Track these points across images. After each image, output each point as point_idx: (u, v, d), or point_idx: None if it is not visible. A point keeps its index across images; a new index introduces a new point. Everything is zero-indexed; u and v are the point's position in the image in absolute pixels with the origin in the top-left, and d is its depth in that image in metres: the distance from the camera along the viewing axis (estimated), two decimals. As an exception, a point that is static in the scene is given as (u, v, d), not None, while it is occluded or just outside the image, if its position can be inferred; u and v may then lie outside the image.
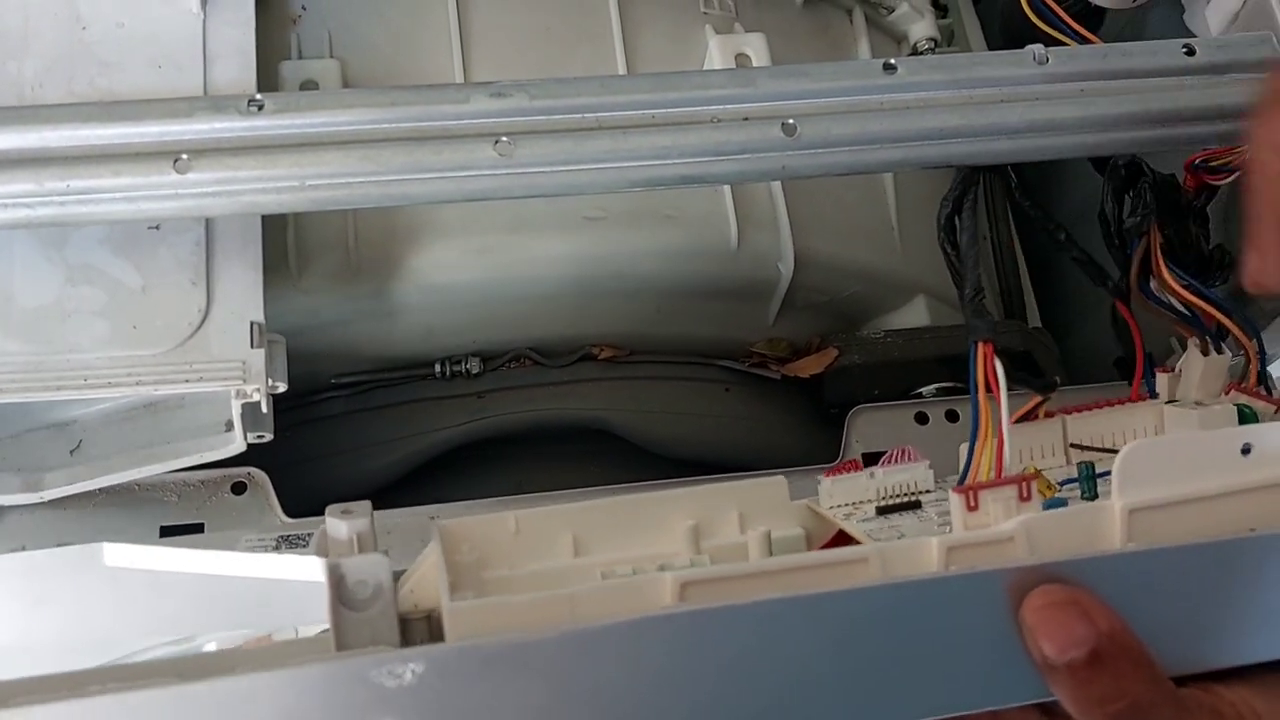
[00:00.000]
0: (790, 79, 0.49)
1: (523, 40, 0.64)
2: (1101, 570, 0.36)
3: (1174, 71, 0.50)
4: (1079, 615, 0.35)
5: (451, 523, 0.39)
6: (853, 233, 0.67)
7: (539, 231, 0.60)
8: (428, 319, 0.62)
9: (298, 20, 0.63)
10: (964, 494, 0.40)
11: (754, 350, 0.69)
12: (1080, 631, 0.35)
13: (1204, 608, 0.37)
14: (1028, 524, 0.38)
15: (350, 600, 0.34)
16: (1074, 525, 0.39)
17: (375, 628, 0.34)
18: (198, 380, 0.48)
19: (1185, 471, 0.39)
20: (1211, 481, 0.39)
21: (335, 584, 0.34)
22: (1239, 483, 0.39)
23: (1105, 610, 0.36)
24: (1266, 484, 0.39)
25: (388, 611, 0.35)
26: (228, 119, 0.47)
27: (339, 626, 0.34)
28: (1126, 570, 0.37)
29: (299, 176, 0.47)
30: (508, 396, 0.64)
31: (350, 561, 0.35)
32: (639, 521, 0.40)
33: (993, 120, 0.49)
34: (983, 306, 0.47)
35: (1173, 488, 0.39)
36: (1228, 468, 0.40)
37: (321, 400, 0.64)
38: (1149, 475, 0.39)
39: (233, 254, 0.50)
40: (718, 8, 0.67)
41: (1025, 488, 0.40)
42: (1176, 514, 0.39)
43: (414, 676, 0.32)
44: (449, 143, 0.48)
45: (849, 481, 0.46)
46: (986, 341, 0.45)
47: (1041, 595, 0.36)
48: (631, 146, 0.48)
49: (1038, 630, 0.35)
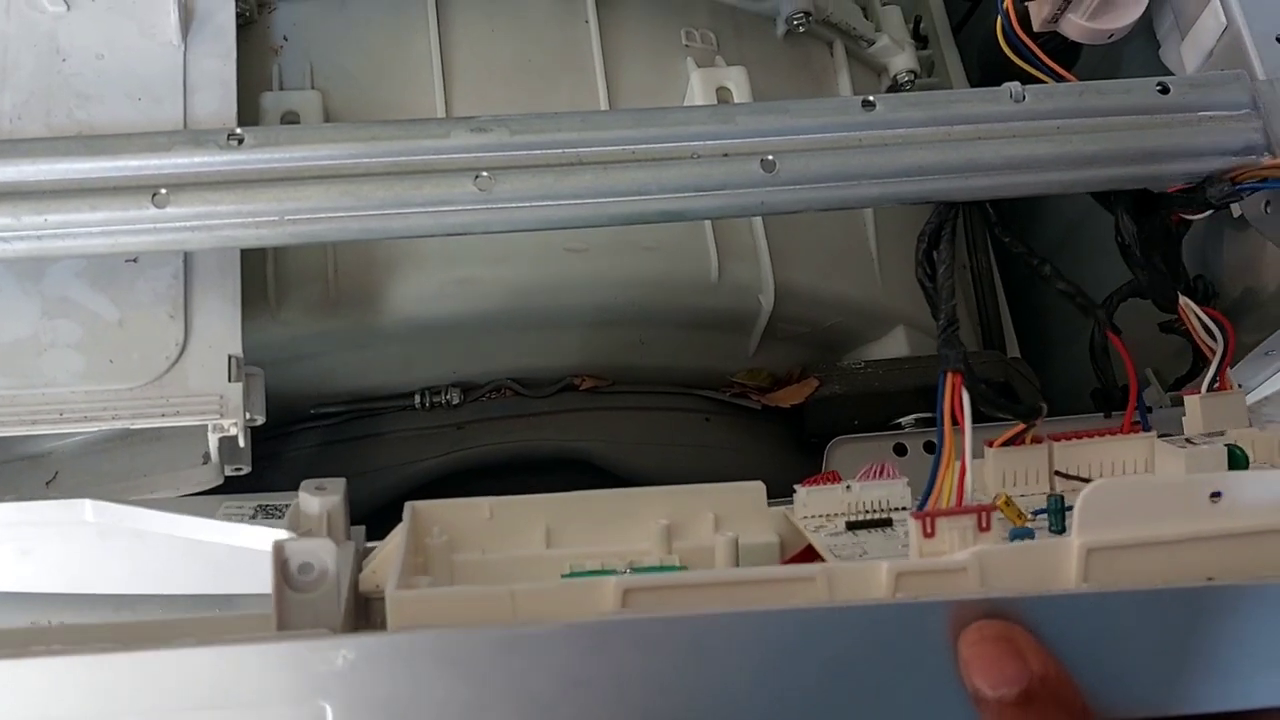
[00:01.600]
0: (770, 115, 0.50)
1: (504, 72, 0.64)
2: (1044, 609, 0.36)
3: (1148, 110, 0.50)
4: (1012, 654, 0.35)
5: (424, 504, 0.39)
6: (833, 264, 0.67)
7: (519, 263, 0.60)
8: (407, 350, 0.62)
9: (279, 51, 0.63)
10: (922, 520, 0.40)
11: (735, 380, 0.69)
12: (1011, 670, 0.35)
13: (1150, 656, 0.37)
14: (981, 555, 0.38)
15: (294, 581, 0.35)
16: (1029, 560, 0.39)
17: (318, 609, 0.35)
18: (174, 414, 0.48)
19: (1150, 514, 0.39)
20: (1176, 526, 0.39)
21: (280, 564, 0.35)
22: (1204, 529, 0.39)
23: (1041, 652, 0.36)
24: (1231, 533, 0.39)
25: (330, 595, 0.35)
26: (207, 153, 0.47)
27: (281, 606, 0.35)
28: (1073, 611, 0.37)
29: (278, 211, 0.47)
30: (488, 427, 0.64)
31: (295, 544, 0.35)
32: (614, 517, 0.41)
33: (970, 157, 0.49)
34: (955, 338, 0.47)
35: (1135, 529, 0.39)
36: (1195, 513, 0.39)
37: (301, 431, 0.64)
38: (1112, 515, 0.39)
39: (211, 287, 0.50)
40: (699, 40, 0.67)
41: (984, 518, 0.40)
42: (1136, 556, 0.39)
43: (346, 663, 0.33)
44: (429, 177, 0.48)
45: (825, 493, 0.46)
46: (956, 372, 0.46)
47: (977, 630, 0.36)
48: (612, 182, 0.49)
49: (971, 664, 0.35)
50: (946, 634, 0.36)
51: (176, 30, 0.54)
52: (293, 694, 0.33)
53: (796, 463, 0.68)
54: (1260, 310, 0.56)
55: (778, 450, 0.70)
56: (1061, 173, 0.50)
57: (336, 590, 0.35)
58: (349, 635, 0.34)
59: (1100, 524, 0.39)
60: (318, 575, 0.35)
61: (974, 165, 0.49)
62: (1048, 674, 0.35)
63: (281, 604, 0.35)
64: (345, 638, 0.34)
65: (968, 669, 0.35)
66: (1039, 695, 0.35)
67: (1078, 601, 0.37)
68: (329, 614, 0.35)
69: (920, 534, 0.40)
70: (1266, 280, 0.56)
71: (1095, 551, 0.38)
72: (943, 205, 0.51)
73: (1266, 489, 0.40)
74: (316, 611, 0.35)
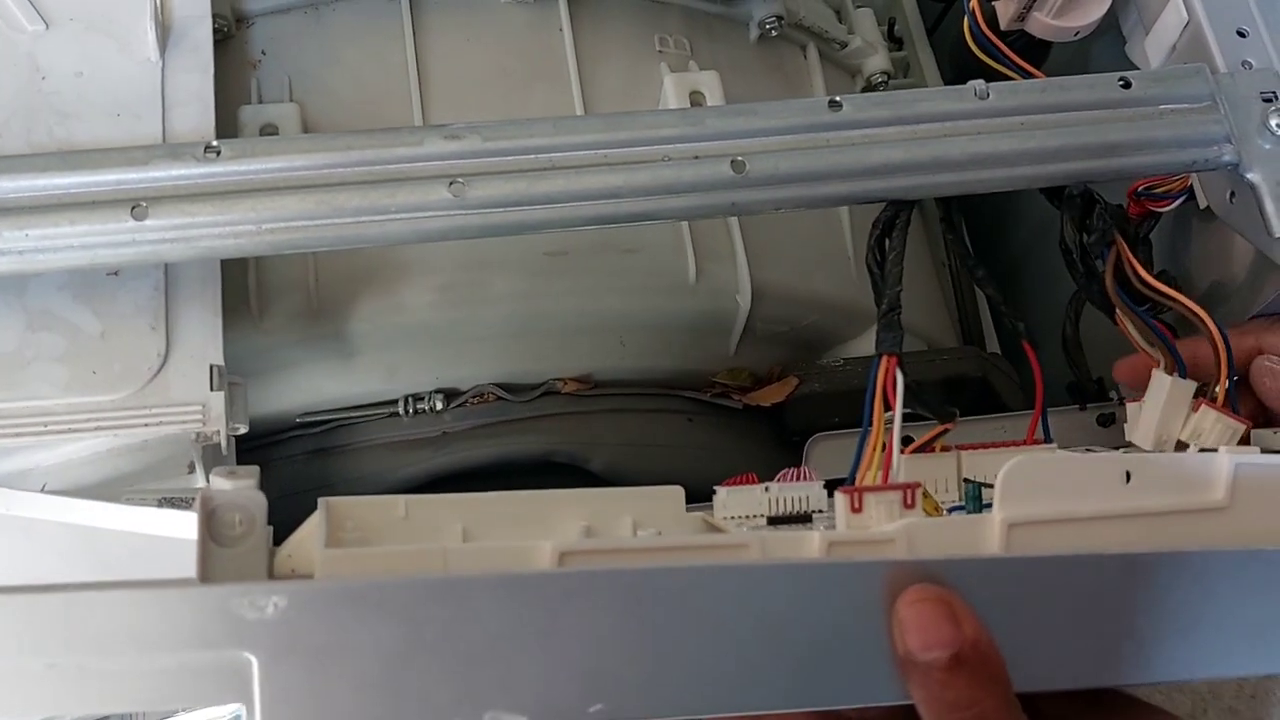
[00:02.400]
0: (738, 118, 0.50)
1: (481, 81, 0.65)
2: (976, 573, 0.37)
3: (1111, 104, 0.51)
4: (948, 616, 0.36)
5: (338, 500, 0.39)
6: (810, 263, 0.68)
7: (500, 268, 0.61)
8: (390, 357, 0.63)
9: (257, 65, 0.64)
10: (849, 494, 0.41)
11: (716, 380, 0.70)
12: (946, 632, 0.36)
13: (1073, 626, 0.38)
14: (909, 528, 0.39)
15: (220, 536, 0.34)
16: (954, 533, 0.40)
17: (243, 564, 0.34)
18: (158, 424, 0.48)
19: (1067, 492, 0.40)
20: (1093, 504, 0.40)
21: (206, 515, 0.34)
22: (1119, 508, 0.41)
23: (972, 618, 0.37)
24: (1145, 511, 0.41)
25: (259, 549, 0.34)
26: (185, 165, 0.48)
27: (205, 560, 0.33)
28: (1000, 577, 0.38)
29: (255, 221, 0.47)
30: (472, 433, 0.65)
31: (224, 493, 0.34)
32: (531, 517, 0.40)
33: (936, 154, 0.50)
34: (895, 322, 0.49)
35: (1053, 506, 0.40)
36: (1110, 493, 0.41)
37: (286, 440, 0.65)
38: (1031, 491, 0.40)
39: (192, 298, 0.51)
40: (673, 46, 0.68)
41: (910, 494, 0.42)
42: (1055, 531, 0.40)
43: (276, 610, 0.32)
44: (404, 185, 0.49)
45: (744, 494, 0.47)
46: (891, 354, 0.48)
47: (916, 591, 0.37)
48: (584, 185, 0.49)
49: (907, 624, 0.36)
50: (878, 597, 0.36)
51: (154, 47, 0.55)
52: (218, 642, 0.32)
53: (779, 460, 0.69)
54: (1230, 301, 0.57)
55: (760, 449, 0.70)
56: (1026, 168, 0.50)
57: (265, 546, 0.34)
58: (279, 582, 0.33)
59: (1020, 500, 0.40)
60: (245, 529, 0.34)
61: (940, 162, 0.50)
62: (979, 640, 0.36)
63: (206, 558, 0.33)
64: (276, 584, 0.33)
65: (903, 629, 0.36)
66: (968, 660, 0.36)
67: (1006, 566, 0.38)
68: (256, 568, 0.34)
69: (848, 508, 0.41)
70: (1236, 271, 0.57)
71: (1016, 526, 0.40)
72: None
73: (1173, 471, 0.42)
74: (242, 567, 0.34)
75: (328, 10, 0.65)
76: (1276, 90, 0.53)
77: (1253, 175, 0.51)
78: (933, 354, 0.70)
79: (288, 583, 0.33)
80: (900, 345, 0.48)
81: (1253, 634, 0.40)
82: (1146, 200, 0.58)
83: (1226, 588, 0.39)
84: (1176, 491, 0.42)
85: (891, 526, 0.40)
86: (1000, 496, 0.40)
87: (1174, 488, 0.42)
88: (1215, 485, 0.42)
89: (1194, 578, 0.39)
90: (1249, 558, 0.40)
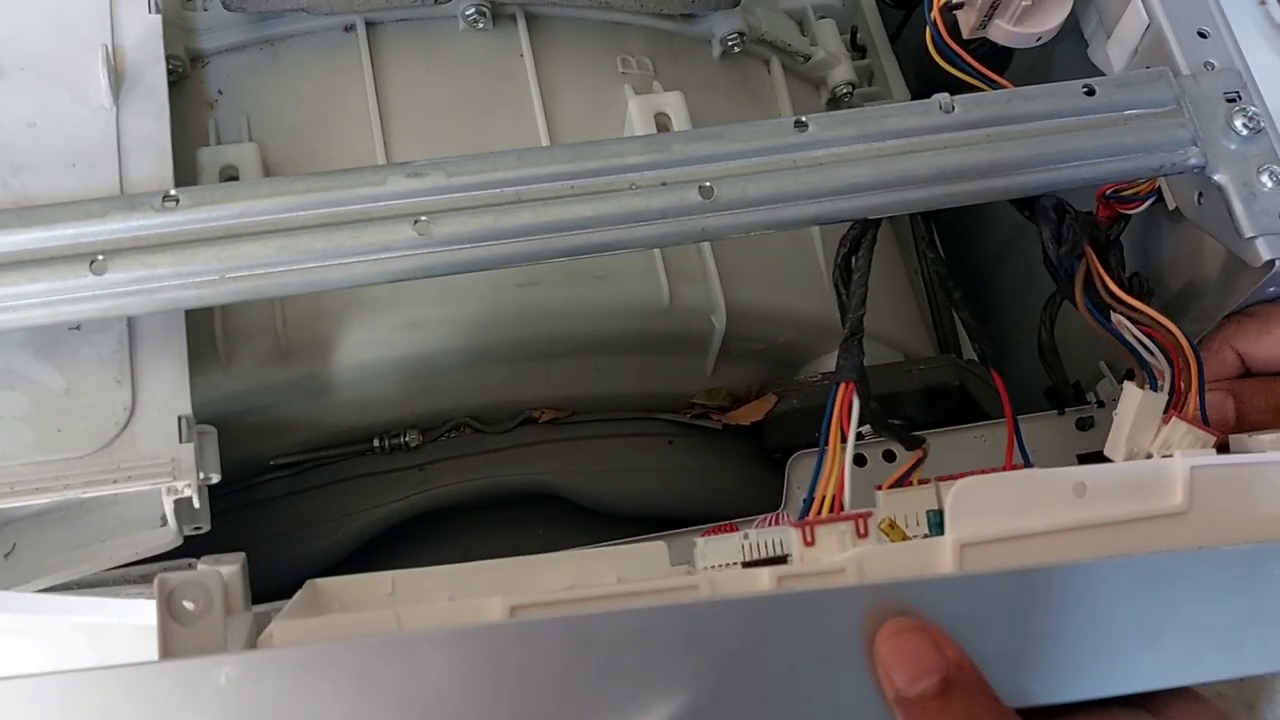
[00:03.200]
0: (704, 142, 0.50)
1: (442, 112, 0.64)
2: (931, 595, 0.37)
3: (1076, 112, 0.51)
4: (929, 643, 0.36)
5: (325, 581, 0.40)
6: (782, 281, 0.67)
7: (469, 301, 0.60)
8: (362, 395, 0.62)
9: (214, 104, 0.63)
10: (801, 529, 0.41)
11: (694, 402, 0.69)
12: (930, 659, 0.36)
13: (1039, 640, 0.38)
14: (859, 556, 0.39)
15: (179, 614, 0.35)
16: (906, 559, 0.40)
17: (204, 641, 0.35)
18: (126, 480, 0.48)
19: (1019, 509, 0.40)
20: (1047, 519, 0.40)
21: (164, 597, 0.35)
22: (1075, 520, 0.41)
23: (952, 644, 0.37)
24: (1099, 522, 0.41)
25: (216, 627, 0.35)
26: (143, 216, 0.47)
27: (166, 638, 0.35)
28: (957, 596, 0.37)
29: (218, 270, 0.47)
30: (449, 467, 0.64)
31: (179, 574, 0.35)
32: (517, 583, 0.41)
33: (903, 170, 0.50)
34: (854, 348, 0.49)
35: (1006, 524, 0.40)
36: (1062, 506, 0.41)
37: (261, 483, 0.64)
38: (982, 511, 0.40)
39: (156, 349, 0.50)
40: (636, 67, 0.68)
41: (861, 524, 0.42)
42: (1010, 549, 0.40)
43: (229, 681, 0.33)
44: (368, 225, 0.48)
45: (723, 542, 0.46)
46: (848, 382, 0.47)
47: (892, 626, 0.37)
48: (552, 218, 0.49)
49: (889, 661, 0.36)
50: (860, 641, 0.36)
51: (108, 94, 0.54)
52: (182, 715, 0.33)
53: (761, 479, 0.69)
54: (1202, 301, 0.57)
55: (742, 468, 0.70)
56: (994, 180, 0.50)
57: (223, 622, 0.35)
58: (231, 653, 0.34)
59: (972, 520, 0.40)
60: (202, 606, 0.35)
61: (908, 178, 0.50)
62: (962, 661, 0.36)
63: (166, 637, 0.35)
64: (228, 655, 0.34)
65: (886, 667, 0.36)
66: (957, 682, 0.36)
67: (964, 584, 0.38)
68: (214, 645, 0.35)
69: (801, 542, 0.41)
70: (1208, 271, 0.57)
71: (969, 547, 0.40)
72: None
73: (1128, 479, 0.42)
74: (202, 643, 0.35)
75: (284, 46, 0.65)
76: (1239, 90, 0.53)
77: (1219, 176, 0.51)
78: (910, 364, 0.70)
79: (239, 654, 0.34)
80: (859, 371, 0.48)
81: (1223, 636, 0.39)
82: (1115, 203, 0.57)
83: (1191, 591, 0.39)
84: (1133, 500, 0.42)
85: (841, 556, 0.40)
86: (951, 518, 0.40)
87: (1130, 496, 0.42)
88: (1173, 490, 0.42)
89: (1155, 582, 0.39)
90: (1210, 558, 0.39)
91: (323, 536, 0.62)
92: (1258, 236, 0.50)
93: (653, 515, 0.66)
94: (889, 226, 0.77)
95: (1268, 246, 0.50)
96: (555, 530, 0.67)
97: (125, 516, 0.52)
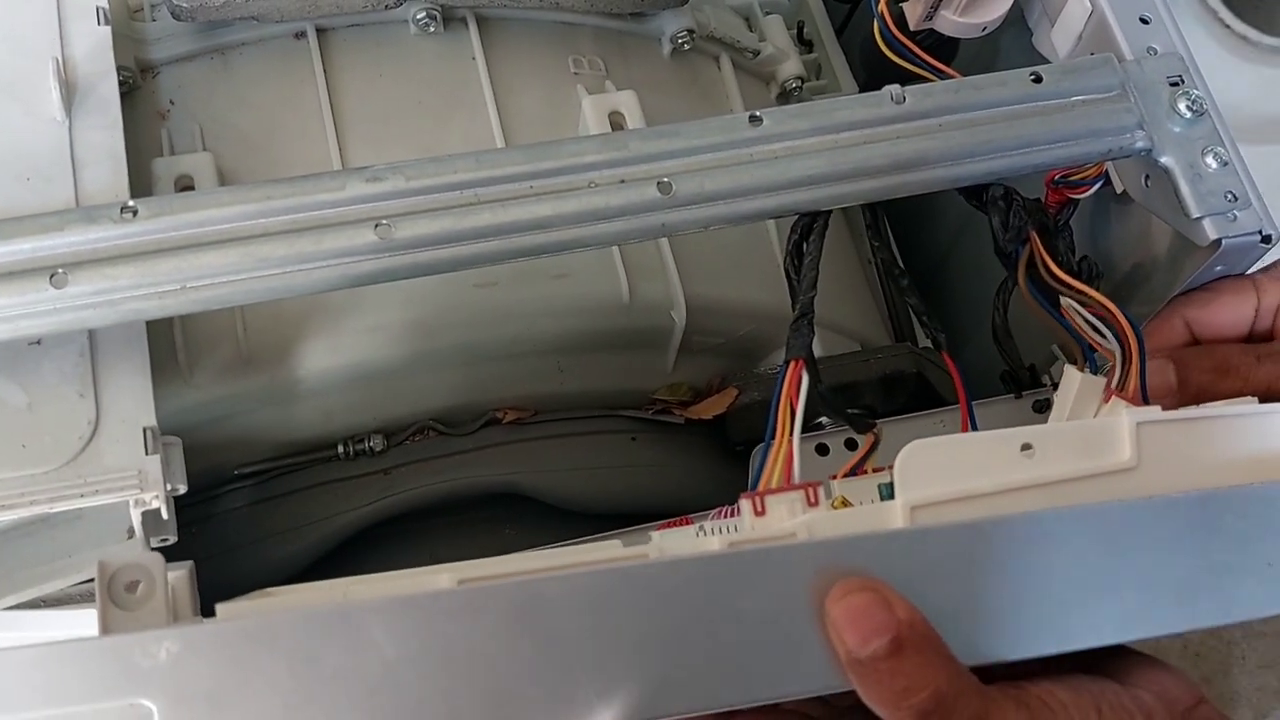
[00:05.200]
0: (661, 139, 0.50)
1: (396, 117, 0.64)
2: (883, 551, 0.37)
3: (1024, 99, 0.52)
4: (879, 602, 0.36)
5: (277, 590, 0.40)
6: (740, 274, 0.68)
7: (428, 304, 0.60)
8: (325, 401, 0.62)
9: (167, 115, 0.63)
10: (751, 499, 0.42)
11: (656, 397, 0.70)
12: (880, 618, 0.36)
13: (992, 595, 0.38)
14: (810, 522, 0.40)
15: (120, 598, 0.35)
16: (857, 523, 0.40)
17: (145, 625, 0.35)
18: (93, 493, 0.47)
19: (967, 470, 0.41)
20: (995, 479, 0.41)
21: (106, 580, 0.35)
22: (1024, 479, 0.41)
23: (903, 601, 0.37)
24: (1052, 480, 0.41)
25: (159, 610, 0.35)
26: (102, 228, 0.47)
27: (107, 621, 0.35)
28: (910, 549, 0.38)
29: (179, 279, 0.46)
30: (415, 470, 0.64)
31: (121, 558, 0.36)
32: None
33: (858, 162, 0.50)
34: (805, 327, 0.49)
35: (954, 485, 0.41)
36: (1010, 467, 0.41)
37: (226, 493, 0.64)
38: (931, 473, 0.41)
39: (119, 361, 0.49)
40: (588, 67, 0.68)
41: (812, 493, 0.42)
42: (958, 510, 0.40)
43: (169, 655, 0.33)
44: (328, 231, 0.48)
45: (678, 535, 0.47)
46: (797, 360, 0.48)
47: (841, 587, 0.37)
48: (512, 218, 0.49)
49: (839, 622, 0.36)
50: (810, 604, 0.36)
51: (60, 107, 0.54)
52: (117, 691, 0.33)
53: (725, 473, 0.69)
54: (1150, 282, 0.58)
55: (706, 461, 0.70)
56: (947, 168, 0.51)
57: (165, 606, 0.35)
58: (172, 627, 0.34)
59: (921, 482, 0.40)
60: (144, 590, 0.35)
61: (863, 169, 0.50)
62: (914, 620, 0.36)
63: (107, 619, 0.35)
64: (168, 630, 0.34)
65: (837, 629, 0.36)
66: (909, 642, 0.36)
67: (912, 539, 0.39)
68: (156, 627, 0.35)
69: (752, 513, 0.42)
70: (1156, 252, 0.58)
71: (919, 509, 0.40)
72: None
73: (1075, 438, 0.42)
74: (144, 626, 0.35)
75: (234, 54, 0.64)
76: (1182, 74, 0.54)
77: (1166, 159, 0.53)
78: (866, 354, 0.71)
79: (179, 627, 0.34)
80: (808, 350, 0.48)
81: (1177, 588, 0.40)
82: (1064, 188, 0.58)
83: (1142, 541, 0.39)
84: (1082, 457, 0.42)
85: (792, 522, 0.40)
86: (900, 481, 0.41)
87: (1078, 454, 0.42)
88: (1120, 446, 0.43)
89: (1106, 533, 0.39)
90: (1160, 506, 0.40)
91: (290, 544, 0.62)
92: (1204, 217, 0.52)
93: (619, 512, 0.67)
94: (841, 218, 0.78)
95: (1214, 226, 0.52)
96: (523, 530, 0.67)
97: (91, 531, 0.52)
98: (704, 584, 0.36)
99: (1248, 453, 0.44)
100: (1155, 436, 0.43)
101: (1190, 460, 0.43)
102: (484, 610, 0.35)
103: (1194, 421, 0.44)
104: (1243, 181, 0.53)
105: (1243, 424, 0.44)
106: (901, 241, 0.83)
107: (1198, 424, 0.44)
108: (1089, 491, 0.42)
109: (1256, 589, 0.40)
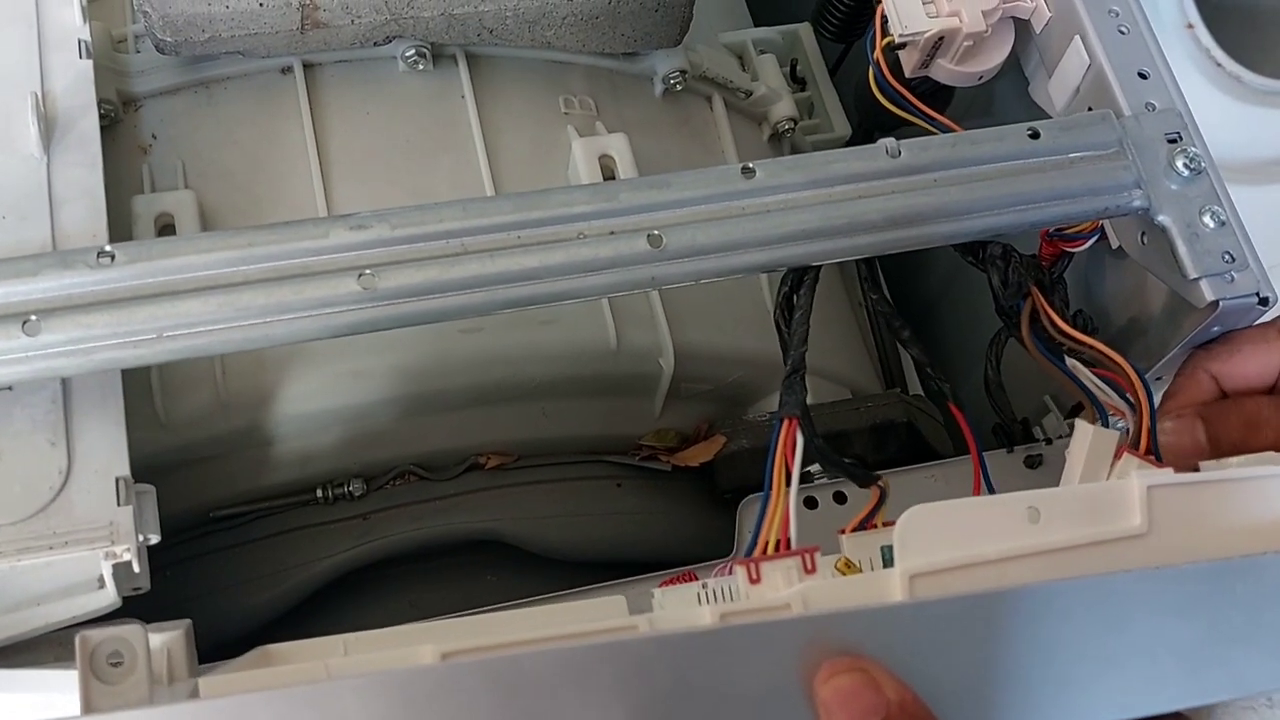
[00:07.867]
0: (652, 190, 0.49)
1: (383, 155, 0.63)
2: (879, 626, 0.36)
3: (1021, 155, 0.51)
4: (867, 683, 0.35)
5: (276, 647, 0.38)
6: (729, 321, 0.67)
7: (413, 349, 0.59)
8: (304, 446, 0.61)
9: (148, 149, 0.61)
10: (746, 566, 0.41)
11: (643, 443, 0.69)
12: (869, 700, 0.35)
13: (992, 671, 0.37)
14: (805, 591, 0.38)
15: (102, 672, 0.35)
16: (853, 593, 0.39)
17: (127, 700, 0.35)
18: (63, 546, 0.46)
19: (971, 536, 0.39)
20: (1000, 545, 0.40)
21: (87, 655, 0.35)
22: (1030, 546, 0.40)
23: (893, 679, 0.36)
24: (1059, 547, 0.40)
25: (141, 685, 0.35)
26: (77, 274, 0.46)
27: (88, 696, 0.34)
28: (906, 625, 0.37)
29: (156, 328, 0.45)
30: (394, 516, 0.63)
31: (102, 631, 0.35)
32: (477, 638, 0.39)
33: (851, 216, 0.50)
34: (797, 384, 0.48)
35: (957, 552, 0.39)
36: (1015, 533, 0.40)
37: (201, 536, 0.62)
38: (932, 540, 0.39)
39: (92, 409, 0.48)
40: (578, 107, 0.67)
41: (809, 559, 0.41)
42: (960, 578, 0.39)
43: None
44: (310, 280, 0.47)
45: (679, 591, 0.46)
46: (790, 418, 0.47)
47: (829, 668, 0.36)
48: (499, 269, 0.48)
49: (829, 705, 0.35)
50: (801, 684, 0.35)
51: (38, 143, 0.53)
52: None
53: (712, 520, 0.68)
54: (1146, 338, 0.58)
55: (692, 509, 0.69)
56: (941, 224, 0.50)
57: (148, 680, 0.34)
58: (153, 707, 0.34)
59: (922, 549, 0.39)
60: (127, 664, 0.34)
61: (856, 224, 0.50)
62: (904, 700, 0.35)
63: (89, 695, 0.34)
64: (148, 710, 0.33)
65: (828, 710, 0.35)
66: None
67: (909, 612, 0.37)
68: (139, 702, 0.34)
69: (746, 580, 0.40)
70: (1152, 309, 0.58)
71: (919, 577, 0.39)
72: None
73: (1084, 503, 0.41)
74: (126, 700, 0.34)
75: (219, 89, 0.63)
76: (1180, 131, 0.54)
77: (1163, 218, 0.52)
78: (857, 402, 0.70)
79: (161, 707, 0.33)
80: (802, 408, 0.47)
81: (1187, 660, 0.38)
82: (1059, 241, 0.58)
83: (1150, 612, 0.38)
84: (1090, 523, 0.41)
85: (787, 592, 0.39)
86: (900, 548, 0.39)
87: (1087, 519, 0.41)
88: (1130, 511, 0.41)
89: (1113, 604, 0.38)
90: (1169, 576, 0.39)
91: (266, 589, 0.61)
92: (1201, 278, 0.51)
93: (602, 560, 0.66)
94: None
95: (1211, 288, 0.51)
96: (504, 576, 0.66)
97: (61, 577, 0.50)
98: (694, 660, 0.35)
99: (1262, 516, 0.43)
100: (1167, 500, 0.41)
101: (1203, 525, 0.42)
102: (467, 689, 0.34)
103: (1207, 485, 0.43)
104: (1240, 242, 0.52)
105: (1257, 486, 0.43)
106: (890, 290, 0.82)
107: (1210, 487, 0.43)
108: (1097, 558, 0.41)
109: (1270, 661, 0.39)
